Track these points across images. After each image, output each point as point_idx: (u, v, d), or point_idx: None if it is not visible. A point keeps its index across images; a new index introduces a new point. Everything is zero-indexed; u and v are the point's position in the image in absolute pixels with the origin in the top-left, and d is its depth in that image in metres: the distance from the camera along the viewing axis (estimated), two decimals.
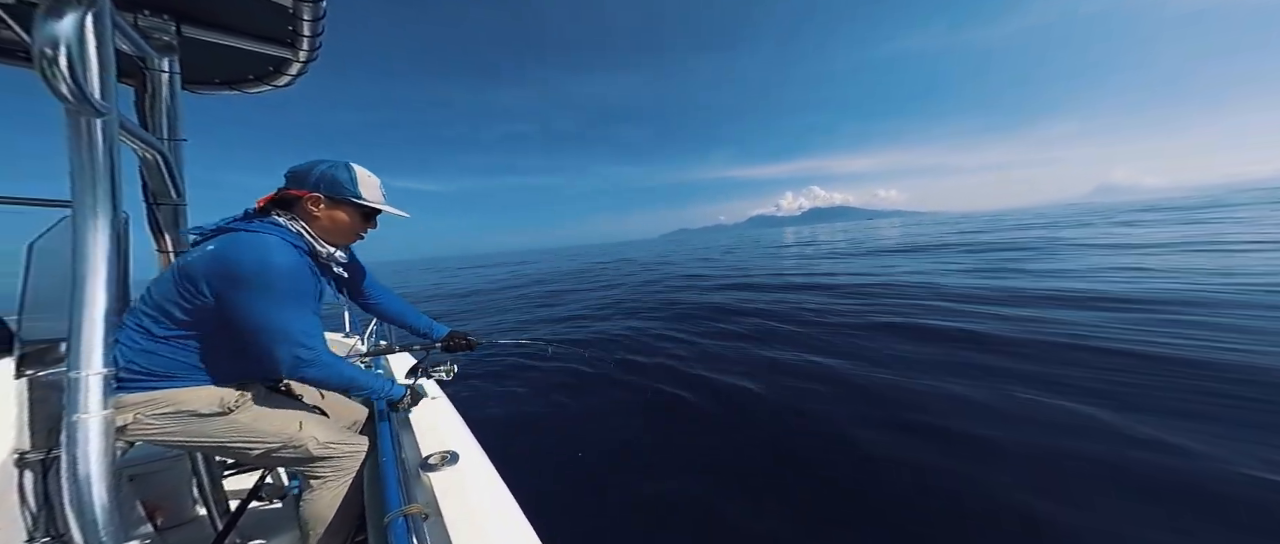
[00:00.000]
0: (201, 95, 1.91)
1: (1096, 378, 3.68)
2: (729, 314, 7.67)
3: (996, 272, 9.92)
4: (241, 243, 1.09)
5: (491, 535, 0.88)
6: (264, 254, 1.07)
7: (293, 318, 1.10)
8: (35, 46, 0.70)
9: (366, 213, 1.29)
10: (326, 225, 1.24)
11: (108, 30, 0.86)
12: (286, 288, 1.09)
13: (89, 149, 0.89)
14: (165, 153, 1.42)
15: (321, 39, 1.66)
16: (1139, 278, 7.65)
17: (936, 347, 4.91)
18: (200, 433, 1.15)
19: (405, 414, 1.48)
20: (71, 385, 0.84)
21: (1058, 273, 9.00)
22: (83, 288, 0.88)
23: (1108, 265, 9.43)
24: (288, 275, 1.10)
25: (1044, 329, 5.10)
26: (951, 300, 7.09)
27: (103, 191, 0.92)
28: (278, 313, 1.08)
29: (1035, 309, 6.07)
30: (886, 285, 9.30)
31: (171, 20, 1.35)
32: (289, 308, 1.10)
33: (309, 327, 1.14)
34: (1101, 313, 5.58)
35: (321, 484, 1.26)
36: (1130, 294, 6.40)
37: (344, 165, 1.23)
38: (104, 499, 0.83)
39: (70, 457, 0.82)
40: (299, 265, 1.14)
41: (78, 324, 0.86)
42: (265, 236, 1.11)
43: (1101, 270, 8.86)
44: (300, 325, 1.11)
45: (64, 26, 0.72)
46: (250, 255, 1.06)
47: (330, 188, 1.20)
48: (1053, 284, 7.69)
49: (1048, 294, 6.90)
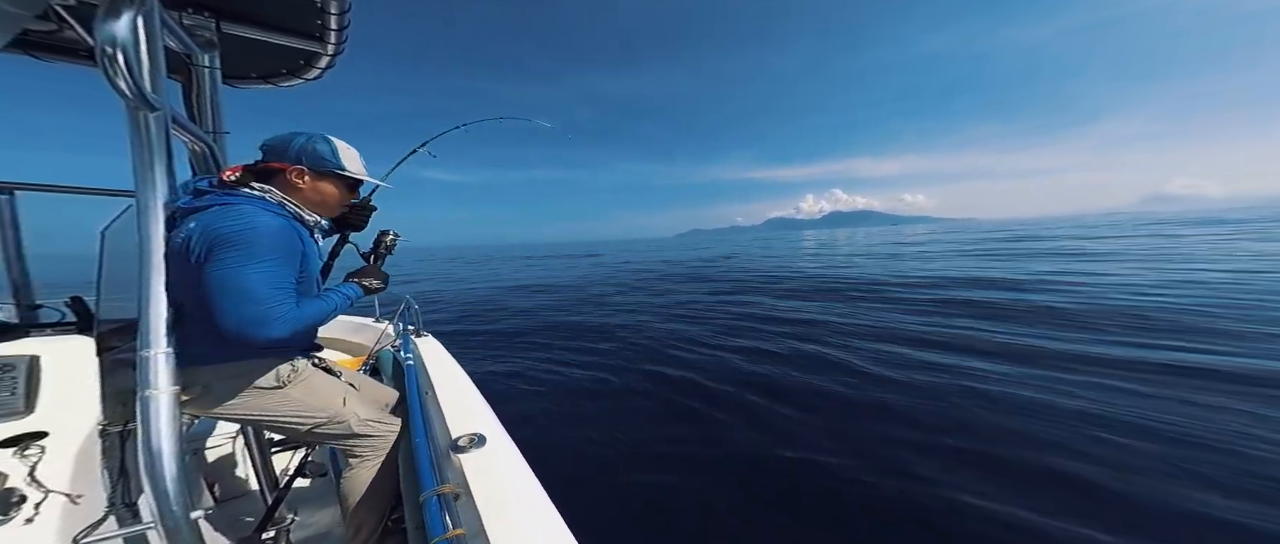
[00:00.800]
0: (240, 89, 2.01)
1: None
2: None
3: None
4: (226, 212, 1.06)
5: (519, 515, 0.91)
6: (249, 218, 1.06)
7: (263, 276, 1.04)
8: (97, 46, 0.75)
9: (350, 183, 1.30)
10: (311, 198, 1.24)
11: (157, 29, 0.91)
12: (266, 246, 1.05)
13: (147, 141, 0.96)
14: (211, 145, 1.51)
15: (348, 32, 1.71)
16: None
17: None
18: (258, 406, 1.22)
19: (432, 396, 1.51)
20: (142, 363, 0.90)
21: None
22: (148, 271, 0.95)
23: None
24: (270, 235, 1.07)
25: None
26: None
27: (161, 181, 0.99)
28: (247, 271, 1.02)
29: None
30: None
31: (212, 17, 1.42)
32: (263, 267, 1.05)
33: (279, 283, 1.08)
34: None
35: (360, 462, 1.32)
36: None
37: (322, 137, 1.22)
38: (174, 470, 0.88)
39: (144, 430, 0.88)
40: (285, 228, 1.12)
41: (145, 305, 0.93)
42: (245, 207, 1.09)
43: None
44: (268, 283, 1.05)
45: (120, 26, 0.77)
46: (235, 221, 1.04)
47: (314, 161, 1.20)
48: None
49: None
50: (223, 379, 1.17)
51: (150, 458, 0.87)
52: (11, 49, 1.39)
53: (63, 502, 1.15)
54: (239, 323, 1.01)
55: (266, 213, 1.11)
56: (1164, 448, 2.95)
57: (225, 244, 1.01)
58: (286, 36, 1.65)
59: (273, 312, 1.03)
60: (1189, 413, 3.39)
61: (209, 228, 1.03)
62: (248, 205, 1.10)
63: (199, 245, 1.01)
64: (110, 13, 0.75)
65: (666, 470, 3.02)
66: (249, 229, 1.04)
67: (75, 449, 1.27)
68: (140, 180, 0.96)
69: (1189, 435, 3.08)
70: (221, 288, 1.01)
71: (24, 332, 1.41)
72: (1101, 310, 6.61)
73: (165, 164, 1.01)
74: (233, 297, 1.01)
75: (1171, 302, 6.93)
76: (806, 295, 10.09)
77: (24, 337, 1.39)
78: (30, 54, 1.44)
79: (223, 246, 1.01)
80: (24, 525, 1.07)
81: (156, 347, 0.92)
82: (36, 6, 0.99)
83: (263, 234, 1.05)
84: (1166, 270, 10.17)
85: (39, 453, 1.22)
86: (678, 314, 8.62)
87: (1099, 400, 3.66)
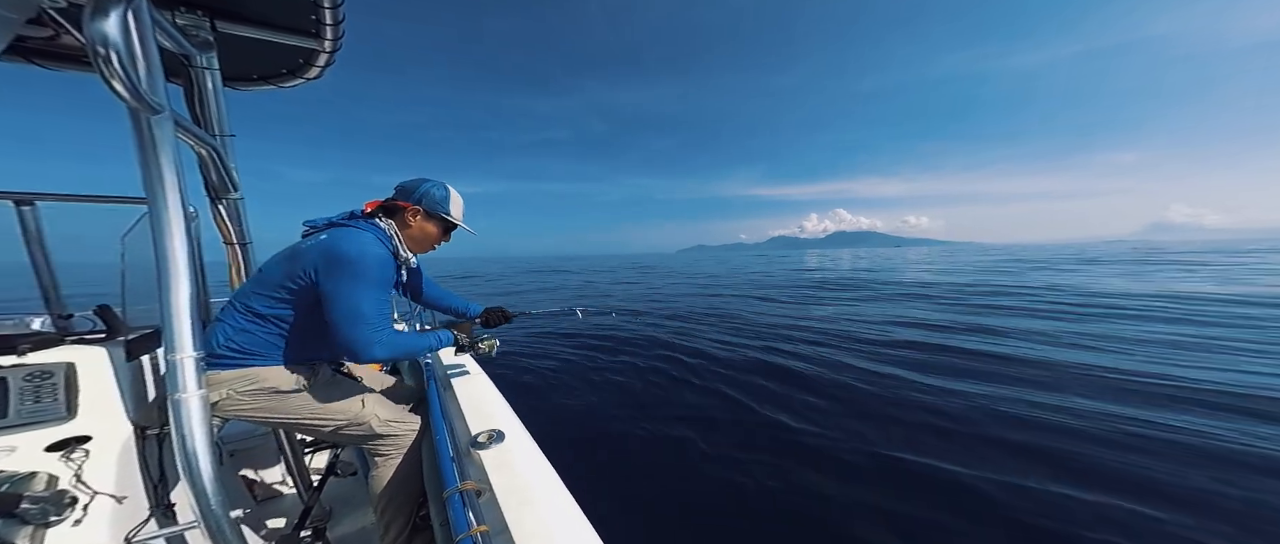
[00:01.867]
0: (243, 92, 2.00)
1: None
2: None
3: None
4: (349, 236, 1.26)
5: (541, 510, 0.91)
6: (364, 247, 1.24)
7: (372, 302, 1.23)
8: (88, 46, 0.74)
9: (447, 227, 1.48)
10: (416, 234, 1.43)
11: (148, 27, 0.89)
12: (375, 276, 1.23)
13: (152, 146, 0.95)
14: (218, 148, 1.51)
15: (344, 26, 1.68)
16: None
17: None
18: (281, 409, 1.26)
19: (451, 393, 1.56)
20: (170, 368, 0.91)
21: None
22: (167, 276, 0.95)
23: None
24: (379, 265, 1.25)
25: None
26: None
27: (170, 185, 0.99)
28: (362, 295, 1.20)
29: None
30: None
31: (206, 16, 1.41)
32: (372, 293, 1.23)
33: (383, 310, 1.27)
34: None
35: (385, 460, 1.36)
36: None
37: (440, 184, 1.43)
38: (210, 471, 0.90)
39: (177, 433, 0.89)
40: (387, 259, 1.30)
41: (167, 310, 0.93)
42: (365, 234, 1.29)
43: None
44: (376, 309, 1.24)
45: (110, 25, 0.75)
46: (354, 246, 1.22)
47: (429, 203, 1.41)
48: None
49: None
50: (246, 384, 1.21)
51: (186, 460, 0.89)
52: (12, 57, 1.39)
53: (110, 502, 1.20)
54: (351, 339, 1.18)
55: (375, 245, 1.28)
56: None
57: (342, 266, 1.19)
58: (283, 34, 1.63)
59: (378, 334, 1.20)
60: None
61: (332, 244, 1.22)
62: (365, 233, 1.29)
63: (321, 258, 1.20)
64: (97, 12, 0.74)
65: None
66: (362, 255, 1.21)
67: (116, 452, 1.33)
68: (150, 185, 0.96)
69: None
70: (341, 307, 1.18)
71: (59, 340, 1.46)
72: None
73: (173, 167, 1.00)
74: (350, 317, 1.18)
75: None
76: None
77: (59, 345, 1.44)
78: (33, 62, 1.45)
79: (341, 268, 1.19)
80: (74, 526, 1.12)
81: (182, 351, 0.92)
82: (27, 10, 0.98)
83: (374, 263, 1.23)
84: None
85: (83, 456, 1.27)
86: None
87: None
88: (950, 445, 3.17)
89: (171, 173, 0.99)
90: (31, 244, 1.50)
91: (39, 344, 1.41)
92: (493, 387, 1.62)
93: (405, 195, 1.40)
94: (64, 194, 1.60)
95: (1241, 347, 5.55)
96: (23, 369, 1.35)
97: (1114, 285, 12.61)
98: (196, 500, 0.90)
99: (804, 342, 6.36)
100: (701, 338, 6.67)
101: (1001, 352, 5.58)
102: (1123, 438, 3.19)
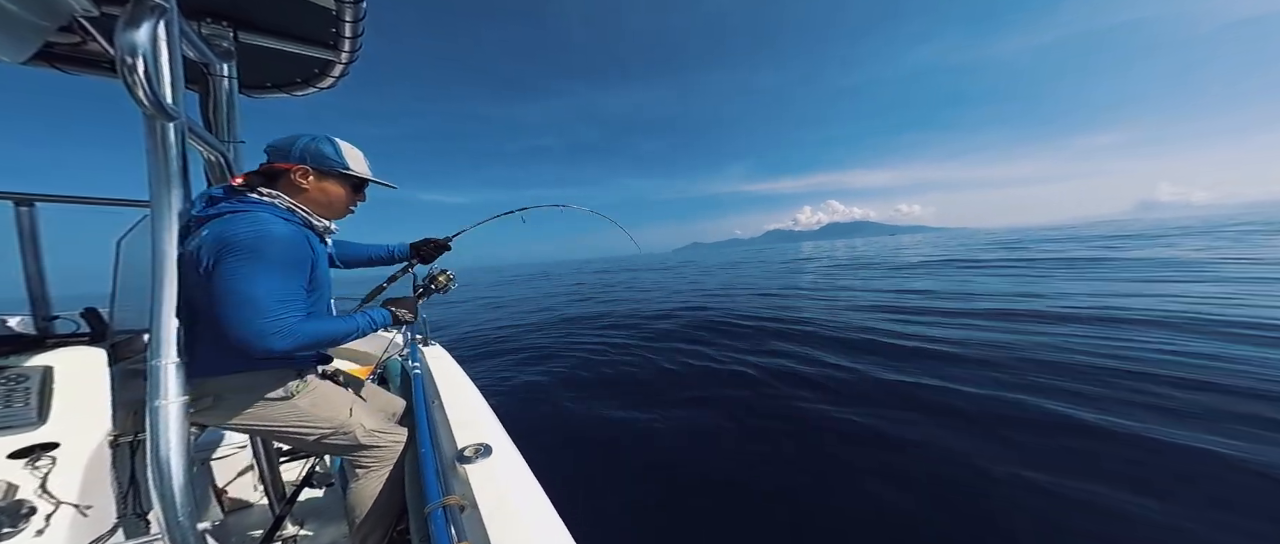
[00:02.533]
0: (255, 99, 2.02)
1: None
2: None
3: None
4: (238, 219, 1.05)
5: (525, 528, 0.89)
6: (261, 226, 1.04)
7: (268, 287, 1.02)
8: (118, 56, 0.74)
9: (355, 184, 1.27)
10: (318, 198, 1.22)
11: (176, 38, 0.90)
12: (276, 255, 1.04)
13: (164, 152, 0.95)
14: (226, 154, 1.51)
15: (362, 40, 1.72)
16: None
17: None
18: (267, 417, 1.21)
19: (438, 405, 1.50)
20: (152, 373, 0.89)
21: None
22: (161, 280, 0.94)
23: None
24: (280, 243, 1.05)
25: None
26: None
27: (176, 191, 0.98)
28: (254, 281, 1.00)
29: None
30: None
31: (230, 27, 1.43)
32: (269, 277, 1.02)
33: (283, 296, 1.05)
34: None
35: (366, 473, 1.31)
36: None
37: (326, 138, 1.20)
38: (182, 480, 0.88)
39: (152, 440, 0.87)
40: (295, 235, 1.10)
41: (157, 315, 0.92)
42: (258, 213, 1.08)
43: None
44: (273, 294, 1.02)
45: (141, 35, 0.76)
46: (247, 227, 1.03)
47: (316, 160, 1.18)
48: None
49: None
50: (232, 391, 1.16)
51: (158, 468, 0.87)
52: (37, 62, 1.40)
53: (72, 513, 1.14)
54: (243, 334, 0.99)
55: (278, 220, 1.09)
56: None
57: (234, 251, 0.99)
58: (302, 45, 1.66)
59: (275, 324, 1.00)
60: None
61: (220, 235, 1.01)
62: (261, 212, 1.09)
63: (209, 253, 1.00)
64: (131, 22, 0.75)
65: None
66: (259, 236, 1.02)
67: (85, 460, 1.27)
68: (155, 190, 0.95)
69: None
70: (227, 296, 0.99)
71: (40, 343, 1.41)
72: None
73: (181, 174, 1.00)
74: (237, 306, 0.98)
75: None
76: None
77: (40, 348, 1.39)
78: (55, 67, 1.45)
79: (231, 254, 0.99)
80: (34, 537, 1.06)
81: (166, 357, 0.91)
82: (61, 18, 0.99)
83: (272, 242, 1.03)
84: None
85: (50, 464, 1.21)
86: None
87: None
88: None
89: (179, 178, 0.99)
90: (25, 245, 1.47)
91: (17, 346, 1.36)
92: (481, 398, 1.59)
93: (282, 155, 1.16)
94: (64, 196, 1.58)
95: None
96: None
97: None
98: (164, 511, 0.87)
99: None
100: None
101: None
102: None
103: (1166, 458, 2.72)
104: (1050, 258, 15.77)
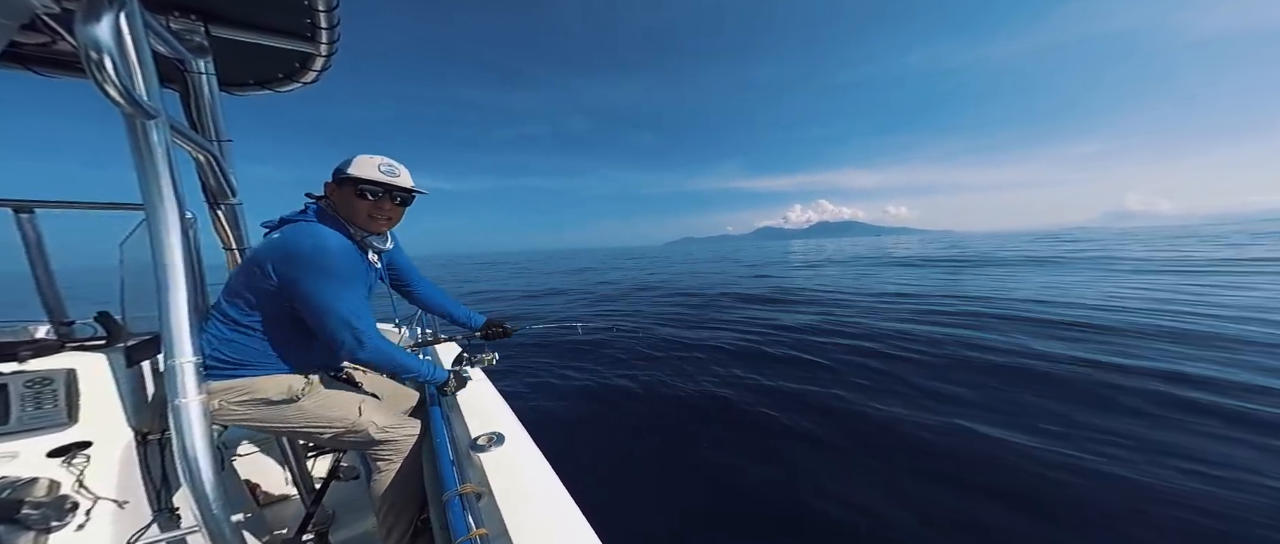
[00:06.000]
0: (239, 97, 2.00)
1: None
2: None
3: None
4: (300, 230, 1.21)
5: (540, 512, 0.91)
6: (318, 239, 1.19)
7: (343, 298, 1.19)
8: (81, 51, 0.73)
9: (366, 189, 1.29)
10: (344, 209, 1.32)
11: (141, 31, 0.89)
12: (337, 268, 1.19)
13: (148, 151, 0.95)
14: (215, 154, 1.51)
15: (339, 30, 1.68)
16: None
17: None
18: (276, 418, 1.26)
19: (451, 398, 1.55)
20: (169, 373, 0.91)
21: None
22: (165, 281, 0.95)
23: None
24: (338, 256, 1.19)
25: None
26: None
27: (166, 191, 0.99)
28: (330, 292, 1.17)
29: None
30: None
31: (200, 21, 1.40)
32: (340, 288, 1.19)
33: (358, 308, 1.22)
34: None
35: (385, 465, 1.36)
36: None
37: (351, 155, 1.31)
38: (210, 475, 0.90)
39: (178, 438, 0.89)
40: (347, 248, 1.24)
41: (166, 316, 0.93)
42: (316, 225, 1.25)
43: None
44: (349, 306, 1.20)
45: (102, 29, 0.75)
46: (308, 240, 1.18)
47: (334, 173, 1.31)
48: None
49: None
50: (233, 395, 1.21)
51: (187, 465, 0.89)
52: (9, 64, 1.39)
53: (111, 507, 1.20)
54: (334, 340, 1.18)
55: (329, 235, 1.22)
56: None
57: (299, 264, 1.15)
58: (278, 38, 1.63)
59: (360, 334, 1.19)
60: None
61: (284, 242, 1.18)
62: (316, 225, 1.24)
63: (275, 262, 1.16)
64: (89, 15, 0.73)
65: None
66: (318, 250, 1.17)
67: (117, 458, 1.33)
68: (146, 190, 0.96)
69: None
70: (309, 306, 1.16)
71: (59, 347, 1.46)
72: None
73: (169, 172, 1.00)
74: (323, 314, 1.16)
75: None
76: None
77: (60, 351, 1.44)
78: (30, 69, 1.45)
79: (298, 267, 1.15)
80: (77, 531, 1.12)
81: (181, 356, 0.93)
82: (20, 15, 0.98)
83: (330, 255, 1.18)
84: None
85: (85, 462, 1.27)
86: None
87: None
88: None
89: (167, 178, 0.99)
90: (31, 251, 1.50)
91: (40, 350, 1.41)
92: (493, 389, 1.62)
93: (332, 173, 1.32)
94: (63, 201, 1.61)
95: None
96: (23, 375, 1.35)
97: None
98: (197, 504, 0.90)
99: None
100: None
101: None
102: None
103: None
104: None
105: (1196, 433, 3.09)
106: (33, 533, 1.04)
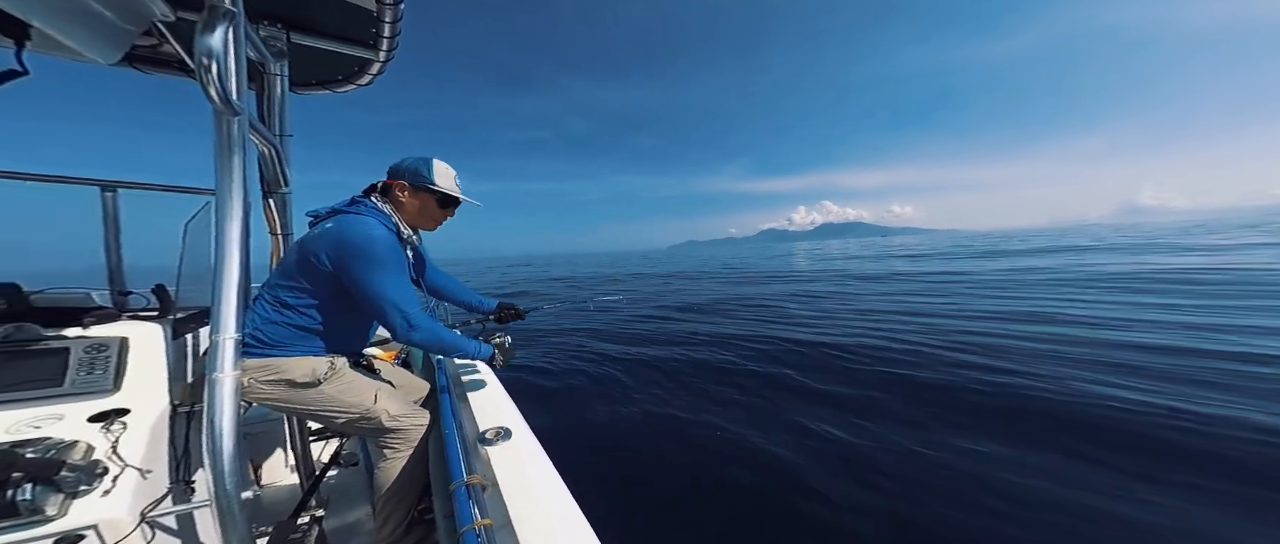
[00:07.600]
0: (302, 95, 2.15)
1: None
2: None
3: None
4: (352, 221, 1.30)
5: (543, 507, 0.93)
6: (367, 229, 1.28)
7: (394, 285, 1.28)
8: (195, 58, 0.82)
9: (442, 199, 1.45)
10: (411, 210, 1.44)
11: (242, 41, 0.99)
12: (385, 257, 1.27)
13: (228, 145, 1.04)
14: (278, 147, 1.62)
15: (399, 39, 1.81)
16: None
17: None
18: (298, 399, 1.30)
19: (460, 391, 1.57)
20: (213, 348, 0.97)
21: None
22: (223, 262, 1.03)
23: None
24: (384, 246, 1.28)
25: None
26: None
27: (238, 180, 1.08)
28: (383, 280, 1.26)
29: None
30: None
31: (284, 29, 1.54)
32: (391, 276, 1.27)
33: (406, 293, 1.31)
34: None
35: (392, 454, 1.38)
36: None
37: (424, 159, 1.43)
38: (233, 450, 0.94)
39: (209, 411, 0.93)
40: (391, 239, 1.32)
41: (219, 294, 1.00)
42: (366, 218, 1.32)
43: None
44: (399, 293, 1.28)
45: (216, 39, 0.84)
46: (359, 230, 1.27)
47: (412, 177, 1.41)
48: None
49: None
50: (263, 373, 1.26)
51: (212, 438, 0.93)
52: (121, 63, 1.52)
53: (135, 475, 1.22)
54: (390, 325, 1.25)
55: (376, 227, 1.30)
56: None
57: (351, 254, 1.23)
58: (345, 45, 1.76)
59: (412, 317, 1.27)
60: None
61: (337, 232, 1.27)
62: (366, 217, 1.32)
63: (327, 250, 1.25)
64: (207, 27, 0.83)
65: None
66: (368, 240, 1.25)
67: (149, 426, 1.36)
68: (220, 178, 1.05)
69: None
70: (363, 293, 1.24)
71: (117, 315, 1.56)
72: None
73: (242, 164, 1.09)
74: (378, 301, 1.25)
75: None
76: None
77: (117, 320, 1.53)
78: (135, 67, 1.60)
79: (350, 256, 1.23)
80: (102, 496, 1.14)
81: (226, 333, 0.99)
82: (144, 22, 1.10)
83: (378, 244, 1.26)
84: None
85: (121, 428, 1.30)
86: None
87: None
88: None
89: (240, 169, 1.08)
90: (108, 225, 1.62)
91: (103, 318, 1.50)
92: (500, 386, 1.65)
93: (394, 174, 1.43)
94: (143, 183, 1.74)
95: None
96: (84, 341, 1.43)
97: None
98: (214, 478, 0.93)
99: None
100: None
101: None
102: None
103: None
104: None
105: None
106: (62, 496, 1.06)
